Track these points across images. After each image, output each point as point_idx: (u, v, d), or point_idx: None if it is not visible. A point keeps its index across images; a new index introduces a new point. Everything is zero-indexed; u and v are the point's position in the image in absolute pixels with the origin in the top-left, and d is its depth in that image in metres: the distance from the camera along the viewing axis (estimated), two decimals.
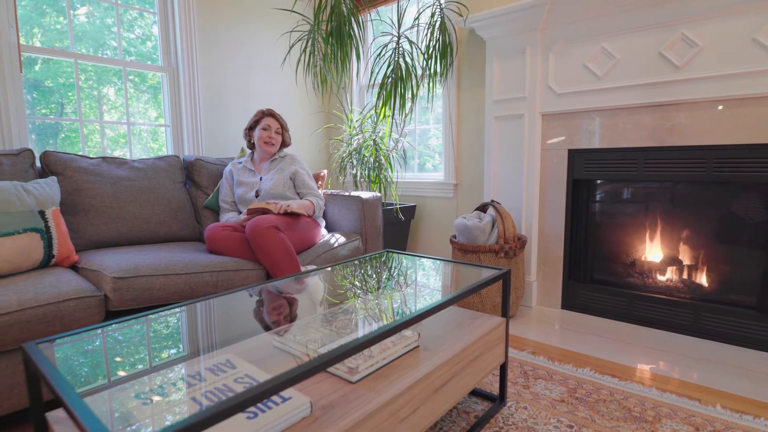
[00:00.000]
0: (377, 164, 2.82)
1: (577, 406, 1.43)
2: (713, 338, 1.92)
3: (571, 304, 2.33)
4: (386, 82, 2.59)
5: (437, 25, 2.56)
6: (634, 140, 2.05)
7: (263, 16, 3.05)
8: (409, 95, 2.62)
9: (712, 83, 1.81)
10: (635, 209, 2.16)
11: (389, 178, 2.89)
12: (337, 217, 2.47)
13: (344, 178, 3.03)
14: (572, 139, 2.23)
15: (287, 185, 2.23)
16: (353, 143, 2.95)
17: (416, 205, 3.10)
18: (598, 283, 2.30)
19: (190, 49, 2.64)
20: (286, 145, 2.38)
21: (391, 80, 2.59)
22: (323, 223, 2.34)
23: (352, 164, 2.93)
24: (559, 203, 2.31)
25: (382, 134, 2.89)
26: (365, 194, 2.39)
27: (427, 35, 2.58)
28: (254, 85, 3.04)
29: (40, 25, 2.22)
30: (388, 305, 1.31)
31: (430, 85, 2.67)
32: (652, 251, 2.14)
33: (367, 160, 2.85)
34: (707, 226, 1.98)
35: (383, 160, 2.83)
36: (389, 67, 2.59)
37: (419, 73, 2.67)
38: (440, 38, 2.58)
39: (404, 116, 2.69)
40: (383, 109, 2.64)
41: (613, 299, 2.18)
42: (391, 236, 2.87)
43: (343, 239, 2.26)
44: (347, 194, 2.43)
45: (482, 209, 2.34)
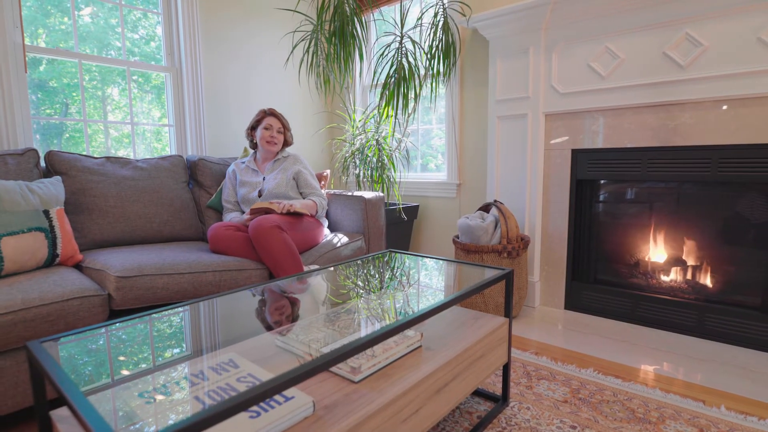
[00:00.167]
0: (380, 164, 2.82)
1: (580, 406, 1.42)
2: (717, 339, 1.91)
3: (574, 304, 2.32)
4: (389, 82, 2.59)
5: (440, 24, 2.56)
6: (638, 140, 2.04)
7: (266, 16, 3.05)
8: (412, 95, 2.62)
9: (716, 83, 1.80)
10: (639, 209, 2.15)
11: (392, 178, 2.89)
12: (339, 216, 2.48)
13: (347, 178, 3.03)
14: (576, 139, 2.22)
15: (290, 185, 2.23)
16: (356, 143, 2.95)
17: (419, 205, 3.10)
18: (601, 283, 2.30)
19: (193, 49, 2.65)
20: (288, 144, 2.38)
21: (394, 80, 2.59)
22: (326, 222, 2.34)
23: (354, 164, 2.93)
24: (562, 203, 2.31)
25: (385, 134, 2.89)
26: (368, 194, 2.39)
27: (430, 35, 2.57)
28: (257, 85, 3.05)
29: (44, 25, 2.23)
30: (390, 305, 1.31)
31: (433, 85, 2.67)
32: (655, 252, 2.13)
33: (369, 160, 2.85)
34: (711, 226, 1.97)
35: (386, 160, 2.83)
36: (392, 67, 2.59)
37: (422, 73, 2.67)
38: (443, 38, 2.58)
39: (407, 116, 2.69)
40: (386, 109, 2.64)
41: (616, 300, 2.18)
42: (393, 236, 2.87)
43: (345, 239, 2.26)
44: (350, 194, 2.43)
45: (485, 209, 2.34)
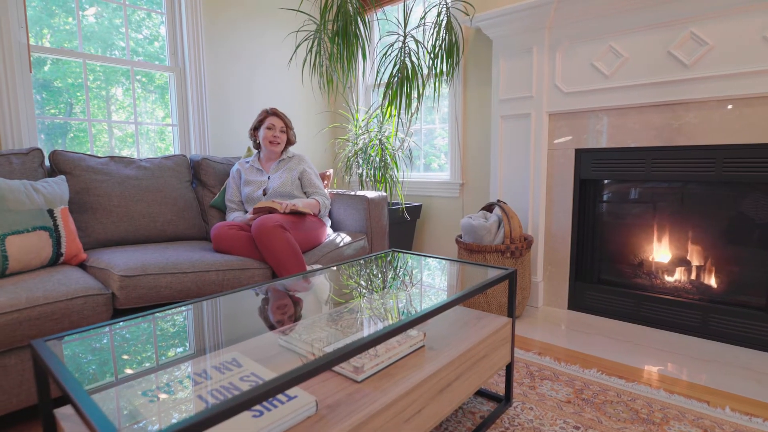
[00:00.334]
0: (383, 164, 2.82)
1: (583, 407, 1.42)
2: (722, 340, 1.90)
3: (577, 304, 2.31)
4: (392, 81, 2.59)
5: (443, 24, 2.56)
6: (642, 140, 2.03)
7: (269, 16, 3.06)
8: (415, 95, 2.62)
9: (721, 82, 1.79)
10: (643, 209, 2.14)
11: (395, 177, 2.88)
12: (342, 216, 2.48)
13: (350, 177, 3.03)
14: (579, 138, 2.22)
15: (295, 184, 2.24)
16: (359, 143, 2.95)
17: (422, 204, 3.10)
18: (605, 283, 2.29)
19: (197, 49, 2.66)
20: (291, 143, 2.38)
21: (397, 80, 2.58)
22: (329, 222, 2.35)
23: (357, 164, 2.93)
24: (565, 203, 2.30)
25: (387, 134, 2.89)
26: (371, 194, 2.39)
27: (433, 34, 2.57)
28: (260, 84, 3.05)
29: (49, 25, 2.24)
30: (393, 305, 1.30)
31: (436, 84, 2.67)
32: (659, 252, 2.12)
33: (372, 159, 2.85)
34: (716, 226, 1.96)
35: (389, 159, 2.83)
36: (395, 66, 2.59)
37: (425, 72, 2.66)
38: (446, 37, 2.57)
39: (410, 116, 2.68)
40: (389, 108, 2.64)
41: (620, 300, 2.17)
42: (396, 236, 2.87)
43: (348, 239, 2.26)
44: (353, 194, 2.43)
45: (488, 209, 2.33)
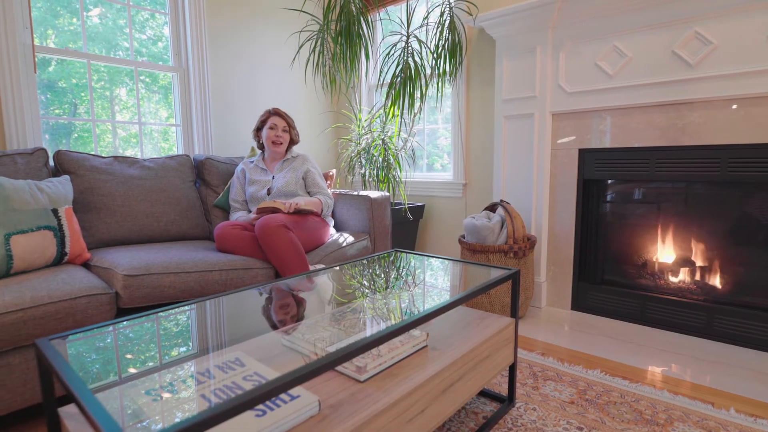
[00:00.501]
0: (386, 164, 2.82)
1: (587, 407, 1.41)
2: (727, 341, 1.89)
3: (581, 305, 2.30)
4: (395, 81, 2.59)
5: (446, 24, 2.55)
6: (646, 140, 2.02)
7: (273, 16, 3.06)
8: (418, 95, 2.62)
9: (726, 82, 1.78)
10: (647, 210, 2.14)
11: (398, 177, 2.88)
12: (345, 216, 2.48)
13: (353, 177, 3.03)
14: (583, 138, 2.21)
15: (299, 184, 2.24)
16: (362, 143, 2.95)
17: (425, 204, 3.10)
18: (608, 284, 2.28)
19: (200, 49, 2.66)
20: (294, 143, 2.39)
21: (400, 80, 2.58)
22: (332, 222, 2.35)
23: (360, 164, 2.93)
24: (569, 203, 2.29)
25: (390, 134, 2.89)
26: (374, 194, 2.39)
27: (436, 34, 2.57)
28: (263, 84, 3.06)
29: (54, 26, 2.25)
30: (396, 305, 1.30)
31: (439, 84, 2.66)
32: (664, 252, 2.11)
33: (375, 159, 2.85)
34: (721, 226, 1.95)
35: (392, 159, 2.83)
36: (398, 66, 2.59)
37: (428, 72, 2.66)
38: (449, 37, 2.57)
39: (413, 116, 2.68)
40: (392, 108, 2.64)
41: (623, 300, 2.16)
42: (399, 236, 2.86)
43: (351, 238, 2.26)
44: (356, 194, 2.43)
45: (491, 209, 2.33)
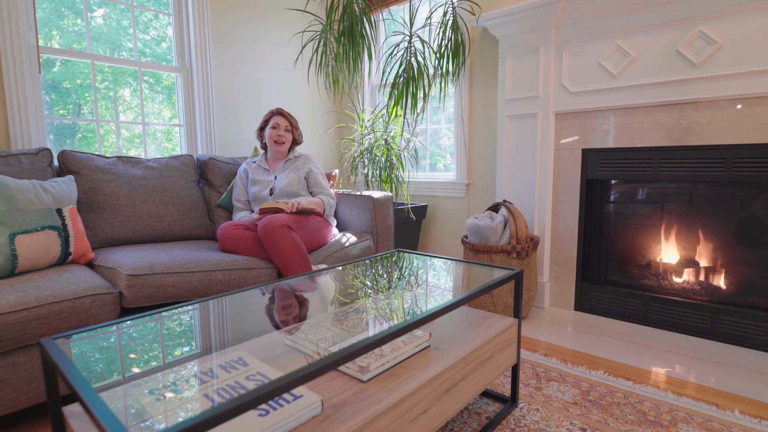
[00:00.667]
0: (389, 164, 2.82)
1: (590, 408, 1.41)
2: (731, 342, 1.88)
3: (584, 305, 2.30)
4: (398, 81, 2.59)
5: (449, 24, 2.55)
6: (649, 139, 2.01)
7: (276, 16, 3.07)
8: (420, 95, 2.61)
9: (731, 81, 1.77)
10: (651, 210, 2.13)
11: (400, 177, 2.88)
12: (348, 216, 2.48)
13: (355, 177, 3.03)
14: (586, 138, 2.20)
15: (302, 184, 2.24)
16: (365, 143, 2.95)
17: (427, 204, 3.09)
18: (612, 284, 2.27)
19: (203, 50, 2.67)
20: (297, 143, 2.39)
21: (402, 80, 2.58)
22: (334, 222, 2.35)
23: (363, 164, 2.93)
24: (572, 203, 2.28)
25: (393, 134, 2.89)
26: (376, 194, 2.39)
27: (439, 34, 2.57)
28: (266, 85, 3.06)
29: (58, 27, 2.26)
30: (399, 305, 1.30)
31: (442, 84, 2.66)
32: (668, 252, 2.10)
33: (378, 159, 2.85)
34: (725, 227, 1.94)
35: (395, 159, 2.83)
36: (401, 66, 2.59)
37: (431, 72, 2.66)
38: (452, 37, 2.57)
39: (416, 116, 2.68)
40: (395, 108, 2.64)
41: (627, 301, 2.15)
42: (402, 236, 2.86)
43: (354, 238, 2.26)
44: (358, 194, 2.43)
45: (494, 209, 2.32)
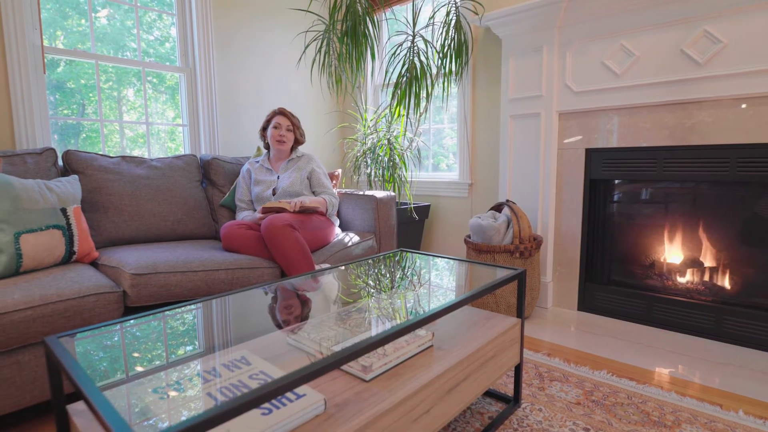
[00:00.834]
0: (391, 163, 2.82)
1: (593, 409, 1.40)
2: (735, 342, 1.87)
3: (587, 305, 2.29)
4: (401, 81, 2.59)
5: (452, 23, 2.55)
6: (653, 139, 2.00)
7: (279, 16, 3.07)
8: (423, 94, 2.61)
9: (735, 80, 1.76)
10: (654, 210, 2.12)
11: (403, 177, 2.88)
12: (351, 216, 2.48)
13: (358, 177, 3.03)
14: (590, 138, 2.19)
15: (304, 184, 2.25)
16: (367, 143, 2.95)
17: (430, 204, 3.09)
18: (615, 284, 2.26)
19: (207, 50, 2.68)
20: (299, 143, 2.39)
21: (405, 79, 2.58)
22: (337, 221, 2.35)
23: (366, 163, 2.94)
24: (575, 203, 2.28)
25: (396, 133, 2.89)
26: (379, 193, 2.39)
27: (442, 34, 2.56)
28: (269, 84, 3.07)
29: (62, 27, 2.27)
30: (401, 304, 1.30)
31: (445, 84, 2.66)
32: (671, 253, 2.10)
33: (381, 159, 2.85)
34: (730, 227, 1.93)
35: (397, 159, 2.83)
36: (404, 66, 2.59)
37: (434, 72, 2.66)
38: (455, 37, 2.56)
39: (419, 115, 2.68)
40: (398, 108, 2.64)
41: (631, 301, 2.14)
42: (405, 236, 2.86)
43: (357, 238, 2.26)
44: (361, 193, 2.43)
45: (497, 209, 2.32)
